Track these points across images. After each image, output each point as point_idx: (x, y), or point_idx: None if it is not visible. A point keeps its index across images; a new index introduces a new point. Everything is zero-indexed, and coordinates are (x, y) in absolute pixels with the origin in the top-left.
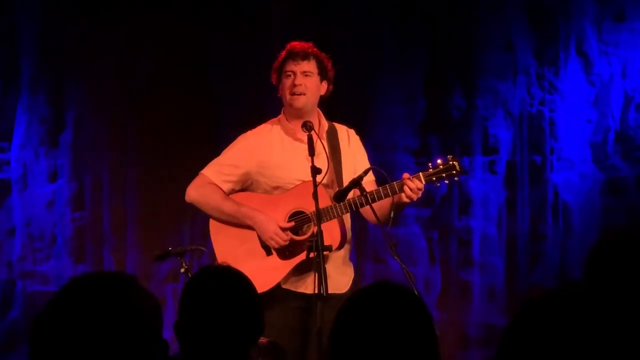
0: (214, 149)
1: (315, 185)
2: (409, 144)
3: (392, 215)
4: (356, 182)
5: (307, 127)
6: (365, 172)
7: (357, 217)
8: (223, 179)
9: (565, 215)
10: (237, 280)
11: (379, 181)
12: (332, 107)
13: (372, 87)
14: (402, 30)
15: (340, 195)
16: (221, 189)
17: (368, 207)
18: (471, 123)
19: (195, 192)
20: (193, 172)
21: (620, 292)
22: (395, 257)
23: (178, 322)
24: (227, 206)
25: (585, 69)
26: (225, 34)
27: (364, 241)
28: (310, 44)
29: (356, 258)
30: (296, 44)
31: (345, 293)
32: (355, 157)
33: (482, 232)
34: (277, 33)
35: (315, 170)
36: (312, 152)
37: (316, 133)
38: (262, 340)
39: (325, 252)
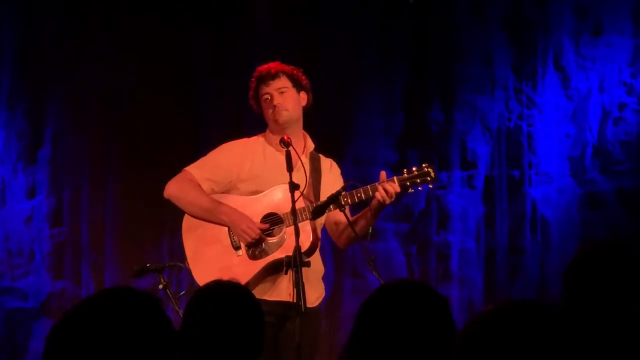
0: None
1: (294, 201)
2: (388, 158)
3: (370, 231)
4: (334, 198)
5: (285, 143)
6: (344, 188)
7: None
8: (205, 176)
9: (544, 230)
10: (242, 296)
11: None
12: (312, 121)
13: (352, 100)
14: (381, 45)
15: (318, 211)
16: (200, 186)
17: (335, 229)
18: (450, 137)
19: (174, 187)
20: None
21: (598, 307)
22: (374, 272)
23: (180, 334)
24: (204, 200)
25: (563, 84)
26: (206, 50)
27: (342, 256)
28: (276, 63)
29: (335, 273)
30: (262, 68)
31: (311, 308)
32: (333, 185)
33: (460, 247)
34: (259, 47)
35: (294, 186)
36: (290, 167)
37: (294, 149)
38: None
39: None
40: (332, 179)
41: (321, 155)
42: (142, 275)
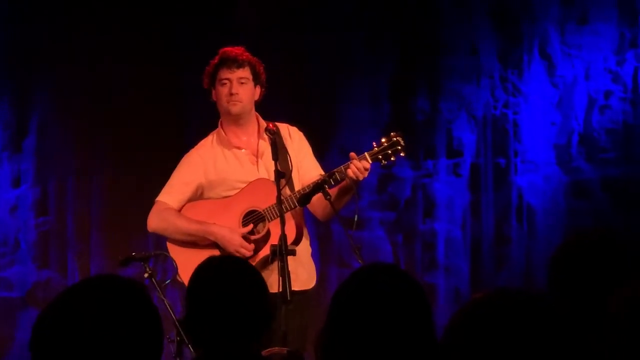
0: (180, 155)
1: (279, 189)
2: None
3: (355, 219)
4: (319, 186)
5: (270, 131)
6: (329, 176)
7: (320, 222)
8: (177, 198)
9: (530, 218)
10: (243, 269)
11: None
12: (297, 110)
13: (338, 90)
14: (367, 34)
15: (303, 200)
16: (178, 210)
17: (314, 201)
18: (435, 126)
19: (154, 221)
20: (158, 177)
21: (584, 296)
22: (360, 261)
23: (186, 316)
24: (187, 226)
25: (549, 71)
26: (193, 40)
27: (328, 245)
28: (242, 49)
29: (320, 262)
30: (229, 51)
31: (312, 289)
32: (298, 153)
33: (446, 235)
34: (246, 37)
35: (279, 175)
36: (275, 157)
37: (278, 139)
38: (282, 350)
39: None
40: (296, 145)
41: (278, 124)
42: (128, 264)
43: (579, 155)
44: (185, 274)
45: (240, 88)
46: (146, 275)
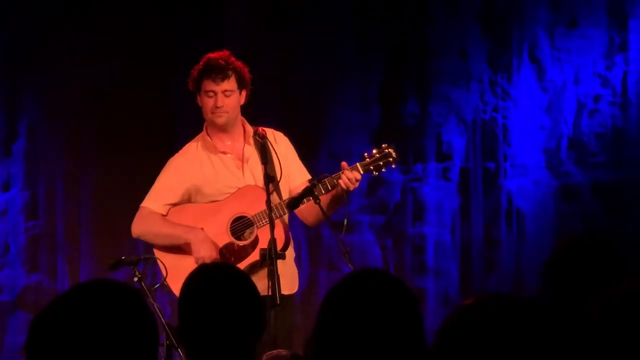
0: (170, 157)
1: (269, 192)
2: (364, 152)
3: (345, 223)
4: (309, 192)
5: (260, 136)
6: (319, 181)
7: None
8: (162, 204)
9: (519, 222)
10: (235, 275)
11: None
12: (286, 113)
13: (327, 94)
14: (357, 38)
15: (293, 204)
16: (162, 215)
17: (304, 208)
18: (425, 130)
19: (137, 226)
20: (149, 180)
21: (577, 300)
22: (350, 265)
23: (180, 325)
24: (168, 229)
25: (538, 76)
26: (182, 42)
27: (318, 249)
28: (227, 54)
29: (310, 265)
30: (214, 59)
31: (296, 293)
32: (285, 158)
33: (436, 239)
34: (234, 39)
35: (269, 178)
36: (264, 160)
37: (267, 140)
38: (280, 352)
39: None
40: (282, 150)
41: (263, 129)
42: (117, 268)
43: (568, 159)
44: (171, 279)
45: (225, 100)
46: (136, 279)
